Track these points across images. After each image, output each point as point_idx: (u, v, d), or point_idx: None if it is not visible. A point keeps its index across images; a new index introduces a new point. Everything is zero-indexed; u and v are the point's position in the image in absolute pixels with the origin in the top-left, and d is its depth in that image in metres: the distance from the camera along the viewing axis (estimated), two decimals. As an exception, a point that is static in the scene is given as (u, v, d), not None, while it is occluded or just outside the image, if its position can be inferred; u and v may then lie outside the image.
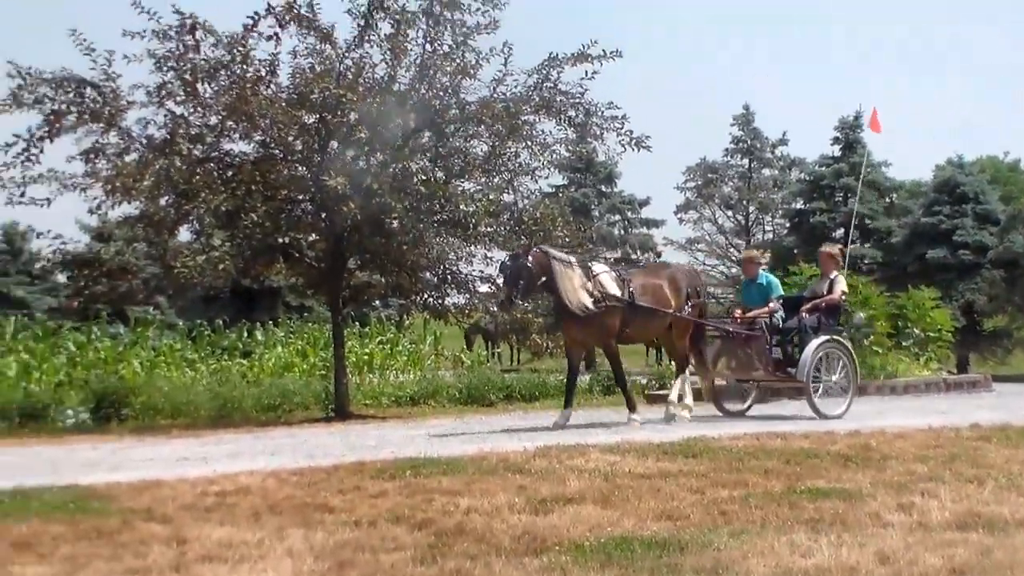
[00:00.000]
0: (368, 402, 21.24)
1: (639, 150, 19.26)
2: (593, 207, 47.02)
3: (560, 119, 19.28)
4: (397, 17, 18.39)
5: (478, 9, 18.66)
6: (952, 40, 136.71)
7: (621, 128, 19.20)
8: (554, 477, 10.08)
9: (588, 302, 14.97)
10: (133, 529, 8.16)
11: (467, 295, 20.15)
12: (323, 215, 18.65)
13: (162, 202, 18.59)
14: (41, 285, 41.66)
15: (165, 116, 18.48)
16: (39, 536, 7.89)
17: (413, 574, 6.75)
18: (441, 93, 18.98)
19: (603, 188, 48.31)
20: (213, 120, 18.58)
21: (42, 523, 8.29)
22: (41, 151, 17.84)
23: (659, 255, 47.57)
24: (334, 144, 18.85)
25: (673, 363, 17.54)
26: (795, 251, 39.11)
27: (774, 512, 8.37)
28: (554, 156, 20.26)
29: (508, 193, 19.99)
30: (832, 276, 16.76)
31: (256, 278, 23.72)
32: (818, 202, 45.75)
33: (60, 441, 15.37)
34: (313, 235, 19.52)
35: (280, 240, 18.60)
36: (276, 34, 18.22)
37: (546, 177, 21.40)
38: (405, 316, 28.91)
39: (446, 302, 20.13)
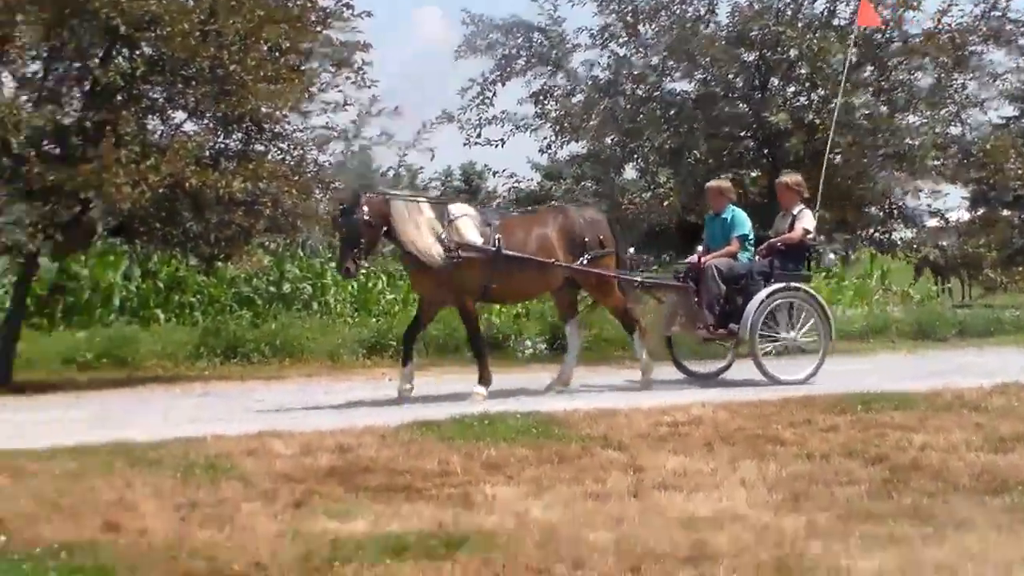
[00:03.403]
0: (815, 336, 20.94)
1: (1097, 76, 18.11)
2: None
3: (1010, 48, 18.34)
4: (837, -50, 17.93)
5: (922, -62, 17.96)
6: None
7: (1077, 54, 18.11)
8: (1014, 415, 9.57)
9: (437, 251, 11.89)
10: (592, 455, 8.35)
11: (914, 229, 19.51)
12: (765, 151, 18.47)
13: (607, 141, 18.94)
14: (499, 221, 43.02)
15: (609, 58, 18.84)
16: (506, 458, 8.20)
17: (868, 508, 6.58)
18: (883, 26, 18.39)
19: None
20: (655, 60, 18.73)
21: (508, 446, 8.61)
22: (494, 94, 18.68)
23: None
24: (774, 81, 18.63)
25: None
26: None
27: None
28: (1004, 86, 19.30)
29: (955, 125, 19.17)
30: (795, 211, 13.46)
31: (700, 213, 23.79)
32: None
33: (521, 369, 15.92)
34: (755, 171, 19.33)
35: (723, 176, 18.52)
36: (716, -27, 18.17)
37: (996, 109, 20.36)
38: (850, 251, 28.23)
39: (893, 236, 19.56)
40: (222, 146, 15.44)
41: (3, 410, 12.01)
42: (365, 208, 11.68)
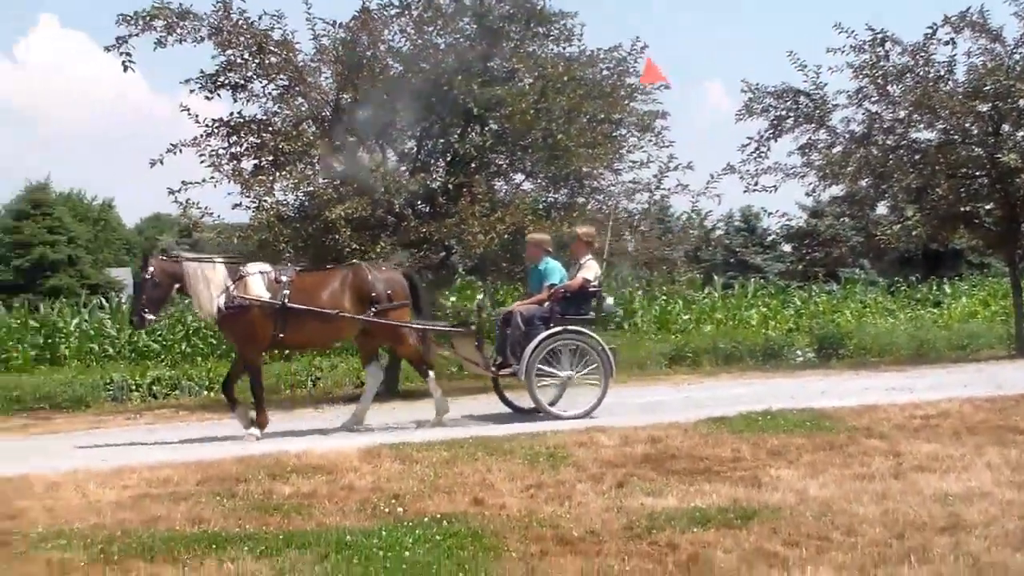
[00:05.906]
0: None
1: None
2: None
3: None
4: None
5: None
6: None
7: None
8: None
9: (215, 306, 10.75)
10: (857, 443, 8.25)
11: None
12: (998, 187, 17.53)
13: (862, 183, 18.49)
14: (772, 254, 42.64)
15: (863, 114, 18.33)
16: (786, 446, 8.17)
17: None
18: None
19: None
20: (902, 114, 18.12)
21: (787, 436, 8.58)
22: (768, 149, 18.39)
23: None
24: (1005, 127, 17.68)
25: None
26: None
27: None
28: None
29: None
30: (582, 260, 11.86)
31: (942, 242, 22.79)
32: None
33: (793, 375, 15.66)
34: (990, 204, 18.39)
35: (961, 210, 17.71)
36: (952, 39, 17.44)
37: None
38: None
39: None
40: (552, 199, 15.98)
41: (392, 413, 12.61)
42: (151, 269, 10.74)
